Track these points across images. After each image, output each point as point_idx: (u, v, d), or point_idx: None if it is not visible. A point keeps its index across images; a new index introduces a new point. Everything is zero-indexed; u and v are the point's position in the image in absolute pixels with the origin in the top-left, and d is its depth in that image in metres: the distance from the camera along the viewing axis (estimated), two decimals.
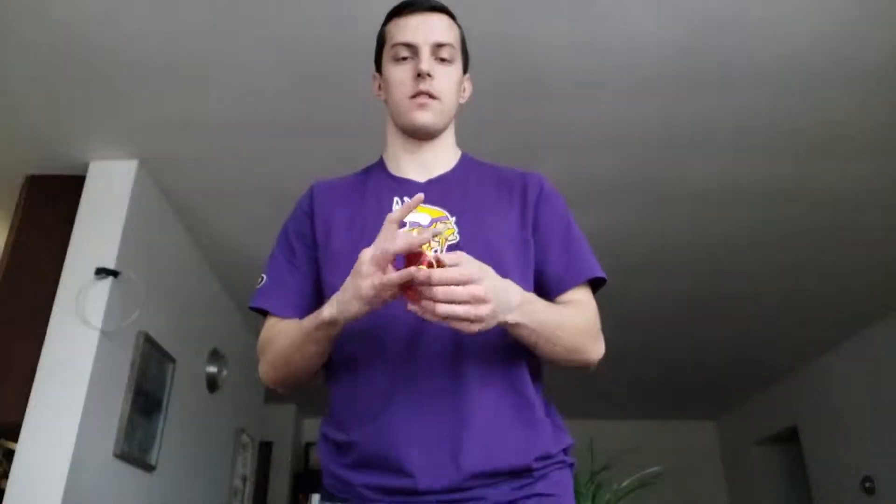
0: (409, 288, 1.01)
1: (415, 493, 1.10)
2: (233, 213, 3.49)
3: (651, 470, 3.65)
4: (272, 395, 5.84)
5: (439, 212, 1.27)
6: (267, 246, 4.07)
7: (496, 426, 1.14)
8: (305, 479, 6.86)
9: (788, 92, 2.62)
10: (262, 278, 1.36)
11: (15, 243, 2.94)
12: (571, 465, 1.24)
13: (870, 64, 2.48)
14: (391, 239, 1.02)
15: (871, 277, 4.06)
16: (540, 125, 2.82)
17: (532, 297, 1.13)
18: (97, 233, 2.88)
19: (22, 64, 2.48)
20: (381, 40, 1.39)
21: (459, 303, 0.98)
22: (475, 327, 1.01)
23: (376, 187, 1.34)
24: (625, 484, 3.60)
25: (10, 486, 2.45)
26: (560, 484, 1.19)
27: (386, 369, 1.17)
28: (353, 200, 1.34)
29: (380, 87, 1.41)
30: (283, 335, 1.24)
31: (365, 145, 2.94)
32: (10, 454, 2.87)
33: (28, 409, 2.56)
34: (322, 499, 1.25)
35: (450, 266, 1.00)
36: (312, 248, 1.33)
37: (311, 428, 7.32)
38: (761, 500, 6.38)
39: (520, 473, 1.14)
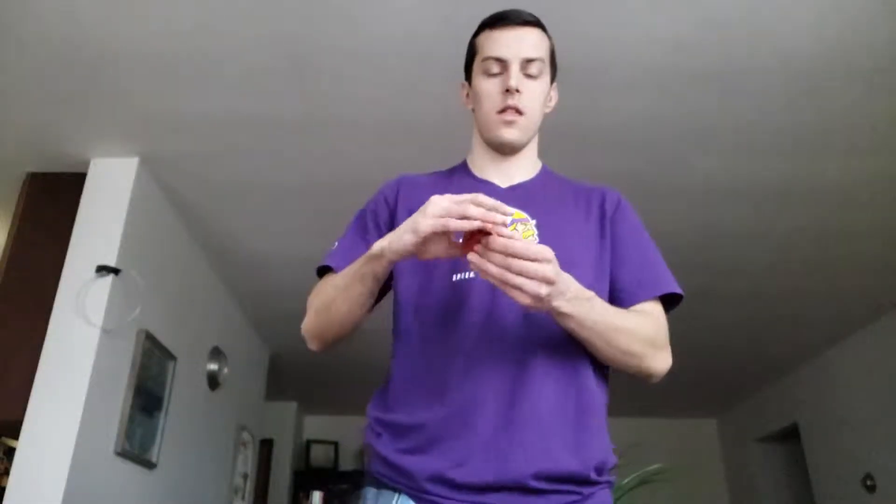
0: (469, 244, 1.04)
1: (461, 487, 1.10)
2: (234, 211, 3.49)
3: (652, 467, 3.65)
4: (273, 393, 5.85)
5: (521, 214, 1.30)
6: (267, 243, 4.08)
7: (558, 427, 1.15)
8: (306, 477, 6.87)
9: (789, 90, 2.62)
10: (335, 244, 1.39)
11: (15, 241, 2.94)
12: (611, 485, 1.25)
13: (870, 62, 2.47)
14: (472, 199, 1.05)
15: (871, 275, 4.06)
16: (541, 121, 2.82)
17: (590, 294, 1.14)
18: (98, 230, 2.88)
19: (22, 62, 2.48)
20: (472, 51, 1.41)
21: (529, 277, 1.01)
22: (528, 300, 1.03)
23: (459, 186, 1.37)
24: (626, 481, 3.60)
25: (10, 484, 2.45)
26: None
27: (451, 351, 1.19)
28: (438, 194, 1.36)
29: (468, 95, 1.43)
30: (331, 281, 1.30)
31: (365, 143, 2.96)
32: (10, 452, 2.87)
33: (29, 407, 2.56)
34: (368, 485, 1.24)
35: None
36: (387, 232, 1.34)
37: (312, 425, 7.34)
38: (762, 498, 6.38)
39: (577, 481, 1.14)
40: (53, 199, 3.03)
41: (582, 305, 1.11)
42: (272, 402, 6.05)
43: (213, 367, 4.03)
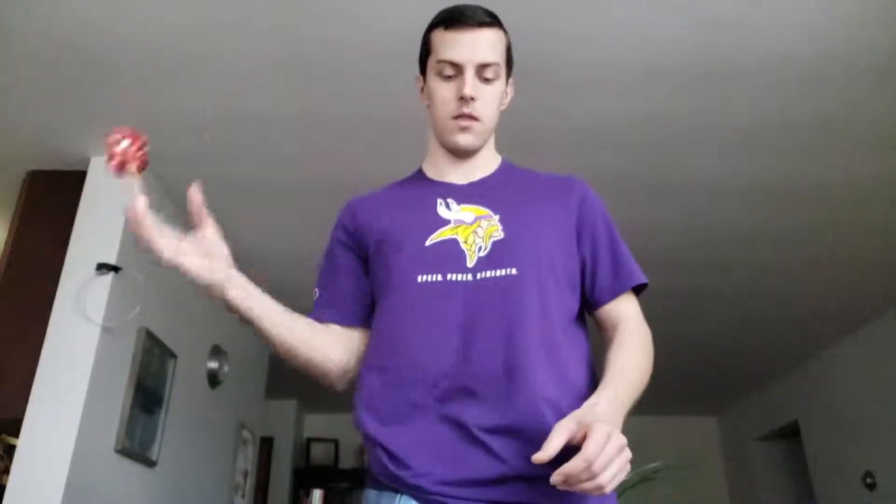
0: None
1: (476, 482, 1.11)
2: (233, 208, 3.48)
3: (652, 465, 3.66)
4: (273, 391, 5.85)
5: (483, 210, 1.29)
6: (267, 240, 4.09)
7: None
8: (306, 475, 6.88)
9: (788, 88, 2.62)
10: (315, 292, 1.42)
11: (16, 239, 2.94)
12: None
13: (870, 61, 2.47)
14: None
15: (871, 273, 4.06)
16: (538, 119, 2.82)
17: (613, 396, 1.14)
18: (98, 228, 2.88)
19: (23, 59, 2.48)
20: (426, 47, 1.38)
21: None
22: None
23: (419, 193, 1.37)
24: (626, 479, 3.60)
25: (11, 482, 2.45)
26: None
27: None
28: (396, 208, 1.36)
29: (422, 90, 1.41)
30: None
31: (366, 140, 2.96)
32: (11, 450, 2.87)
33: (29, 405, 2.57)
34: (369, 486, 1.25)
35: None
36: (361, 257, 1.37)
37: (312, 423, 7.33)
38: (762, 496, 6.38)
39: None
40: (54, 196, 3.03)
41: (622, 414, 1.13)
42: (272, 400, 6.05)
43: (213, 365, 4.03)
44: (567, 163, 3.07)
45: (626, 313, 1.30)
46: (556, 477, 0.97)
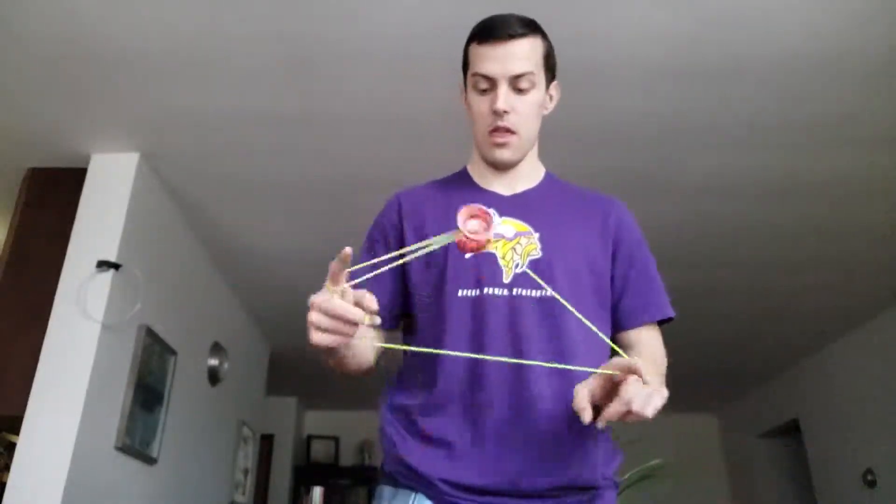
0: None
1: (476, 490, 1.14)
2: (234, 206, 3.48)
3: (653, 463, 3.66)
4: (273, 388, 5.86)
5: (524, 226, 1.29)
6: (268, 238, 4.08)
7: (566, 440, 1.17)
8: (307, 472, 6.88)
9: (790, 85, 2.61)
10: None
11: (16, 236, 2.94)
12: (616, 486, 1.27)
13: (871, 58, 2.46)
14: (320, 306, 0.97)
15: (871, 271, 4.06)
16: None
17: (656, 371, 1.20)
18: (98, 226, 2.88)
19: (23, 57, 2.47)
20: (465, 60, 1.38)
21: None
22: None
23: (462, 197, 1.35)
24: (627, 476, 3.60)
25: (11, 480, 2.45)
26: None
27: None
28: (440, 208, 1.36)
29: (466, 99, 1.41)
30: None
31: (365, 140, 2.95)
32: (11, 447, 2.87)
33: (29, 403, 2.56)
34: (384, 483, 1.25)
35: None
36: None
37: (313, 420, 7.34)
38: (763, 493, 6.39)
39: (586, 489, 1.18)
40: (54, 194, 3.02)
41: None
42: (273, 397, 6.06)
43: (213, 362, 4.03)
44: (569, 160, 3.06)
45: (647, 341, 1.32)
46: (597, 422, 0.99)
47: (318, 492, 6.75)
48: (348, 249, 0.94)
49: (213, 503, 4.10)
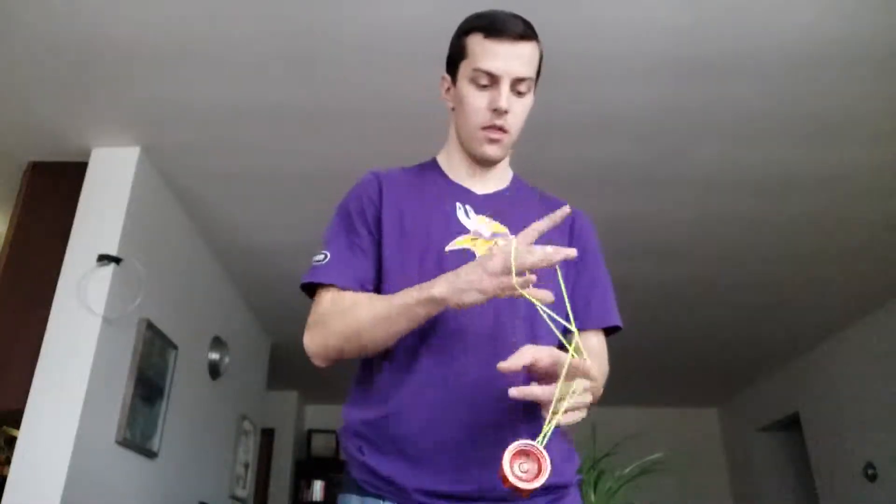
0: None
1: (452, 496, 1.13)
2: (235, 200, 3.48)
3: (653, 457, 3.66)
4: (274, 382, 5.86)
5: (500, 227, 1.30)
6: (269, 232, 4.07)
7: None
8: (307, 466, 6.90)
9: (791, 78, 2.61)
10: (326, 255, 1.31)
11: (17, 230, 2.94)
12: (580, 484, 1.30)
13: (872, 51, 2.46)
14: (528, 251, 1.06)
15: (872, 264, 4.06)
16: (542, 110, 2.80)
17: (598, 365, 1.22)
18: (99, 219, 2.88)
19: (25, 51, 2.47)
20: (461, 51, 1.34)
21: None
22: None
23: (436, 188, 1.35)
24: (627, 471, 3.61)
25: (12, 474, 2.45)
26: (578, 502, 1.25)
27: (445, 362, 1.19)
28: (415, 194, 1.35)
29: (448, 90, 1.39)
30: (362, 306, 1.20)
31: (367, 133, 2.95)
32: (12, 441, 2.87)
33: (30, 397, 2.57)
34: (349, 492, 1.21)
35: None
36: (376, 233, 1.32)
37: (313, 415, 7.35)
38: (763, 487, 6.40)
39: (550, 489, 1.17)
40: (55, 188, 3.02)
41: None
42: (273, 391, 6.06)
43: (214, 356, 4.03)
44: (571, 154, 3.07)
45: (594, 346, 1.35)
46: (515, 392, 0.99)
47: (318, 486, 6.78)
48: (573, 251, 1.07)
49: (213, 497, 4.11)
